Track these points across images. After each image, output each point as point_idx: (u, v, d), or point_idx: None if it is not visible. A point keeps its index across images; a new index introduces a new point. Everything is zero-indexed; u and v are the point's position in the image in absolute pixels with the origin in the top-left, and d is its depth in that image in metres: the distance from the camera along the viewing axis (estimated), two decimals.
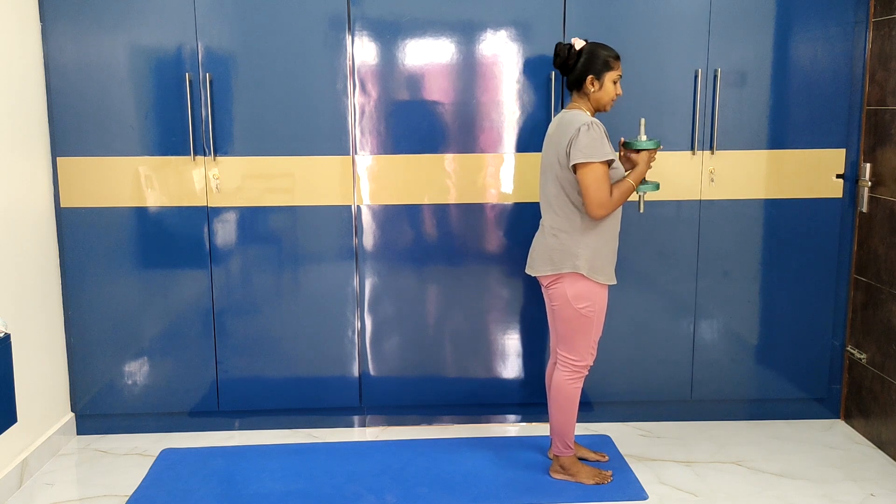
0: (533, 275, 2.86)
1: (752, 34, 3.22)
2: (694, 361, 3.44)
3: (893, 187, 3.14)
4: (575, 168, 2.66)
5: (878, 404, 3.26)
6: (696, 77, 3.23)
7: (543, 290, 2.88)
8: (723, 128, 3.27)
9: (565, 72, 2.79)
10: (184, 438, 3.38)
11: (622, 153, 2.85)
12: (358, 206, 3.28)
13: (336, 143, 3.23)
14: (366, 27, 3.17)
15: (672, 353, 3.43)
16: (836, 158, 3.32)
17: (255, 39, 3.16)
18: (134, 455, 3.24)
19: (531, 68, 3.21)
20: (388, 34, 3.18)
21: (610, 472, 2.99)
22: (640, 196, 2.92)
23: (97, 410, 3.38)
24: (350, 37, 3.17)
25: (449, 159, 3.26)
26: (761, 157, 3.31)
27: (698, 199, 3.32)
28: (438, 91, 3.23)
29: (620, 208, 2.79)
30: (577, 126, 2.64)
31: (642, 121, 2.85)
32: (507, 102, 3.23)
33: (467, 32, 3.19)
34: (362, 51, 3.18)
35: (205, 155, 3.21)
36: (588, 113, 2.74)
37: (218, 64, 3.16)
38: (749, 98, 3.26)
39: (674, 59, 3.22)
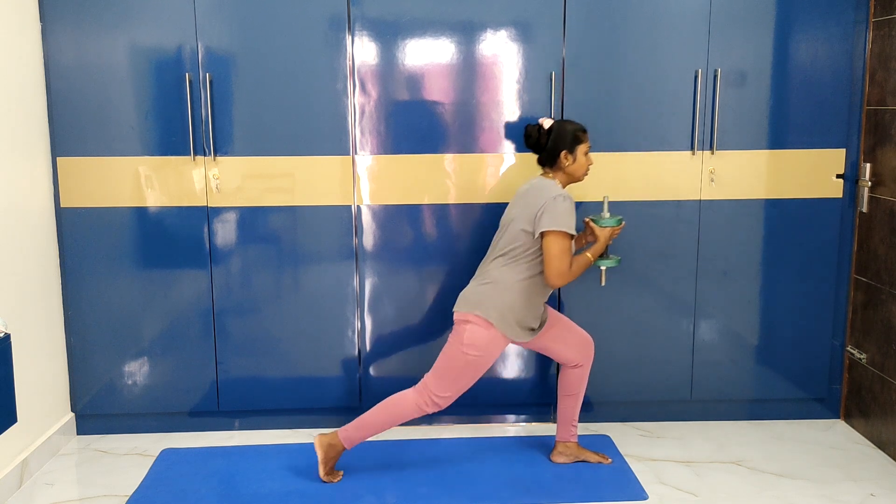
0: (454, 311, 2.89)
1: (752, 34, 3.22)
2: (694, 361, 3.44)
3: (893, 187, 3.14)
4: (542, 235, 2.74)
5: (878, 404, 3.26)
6: (696, 77, 3.23)
7: (454, 327, 2.88)
8: (723, 128, 3.27)
9: (538, 150, 2.88)
10: (184, 438, 3.38)
11: (586, 227, 2.96)
12: (358, 206, 3.28)
13: (336, 143, 3.23)
14: (366, 27, 3.17)
15: (672, 354, 3.43)
16: (836, 158, 3.32)
17: (255, 39, 3.16)
18: (134, 455, 3.24)
19: (531, 68, 3.21)
20: (388, 34, 3.18)
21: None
22: (601, 270, 3.05)
23: (97, 410, 3.38)
24: (350, 37, 3.17)
25: (449, 159, 3.26)
26: (761, 157, 3.31)
27: (698, 199, 3.32)
28: (438, 91, 3.23)
29: (547, 288, 2.88)
30: (553, 195, 2.74)
31: (605, 199, 2.96)
32: (507, 102, 3.23)
33: (467, 32, 3.19)
34: (362, 51, 3.18)
35: (205, 155, 3.21)
36: (560, 185, 2.84)
37: (218, 64, 3.16)
38: (749, 98, 3.26)
39: (674, 59, 3.22)
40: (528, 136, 2.88)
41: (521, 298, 2.80)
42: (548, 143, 2.84)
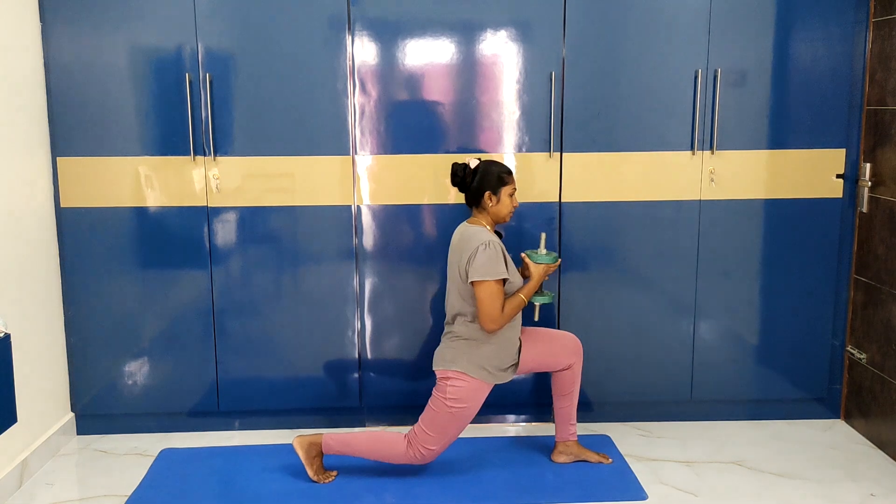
0: (434, 369, 2.92)
1: (752, 34, 3.22)
2: (694, 361, 3.44)
3: (893, 187, 3.14)
4: (472, 284, 2.78)
5: (878, 404, 3.26)
6: (696, 77, 3.23)
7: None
8: (723, 128, 3.27)
9: (463, 189, 2.91)
10: (184, 438, 3.38)
11: (523, 262, 2.96)
12: (358, 206, 3.28)
13: (336, 143, 3.23)
14: (366, 27, 3.17)
15: (672, 354, 3.43)
16: (836, 158, 3.32)
17: (255, 40, 3.16)
18: (134, 455, 3.24)
19: (531, 68, 3.21)
20: (388, 34, 3.18)
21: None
22: (535, 306, 3.03)
23: (97, 410, 3.38)
24: (350, 37, 3.17)
25: (449, 159, 3.26)
26: (761, 157, 3.31)
27: (698, 199, 3.32)
28: (438, 91, 3.23)
29: (518, 318, 2.91)
30: (476, 245, 2.77)
31: (542, 235, 2.98)
32: (507, 102, 3.23)
33: (467, 32, 3.19)
34: (362, 51, 3.18)
35: (205, 155, 3.21)
36: (488, 227, 2.87)
37: (218, 64, 3.16)
38: (749, 98, 3.26)
39: (674, 59, 3.22)
40: (455, 175, 2.90)
41: (494, 347, 2.85)
42: (473, 183, 2.86)
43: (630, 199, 3.30)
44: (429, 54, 3.20)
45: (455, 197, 3.28)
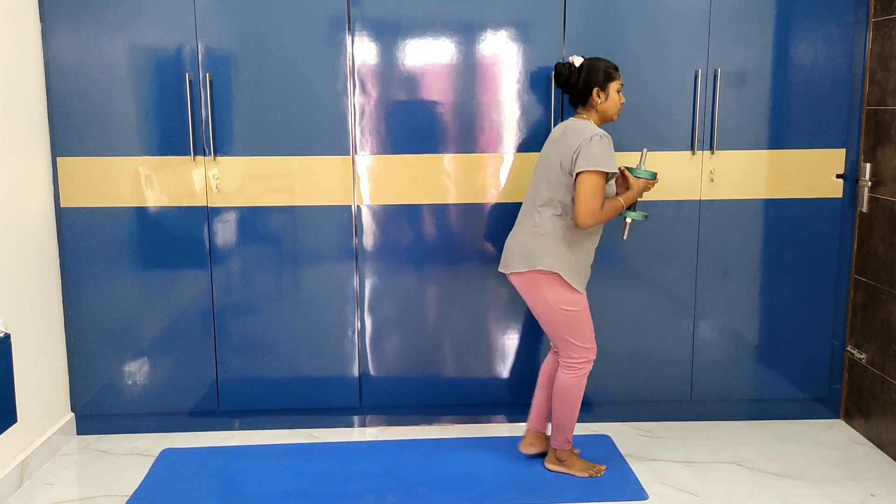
0: (507, 272, 2.86)
1: (752, 34, 3.22)
2: (694, 361, 3.44)
3: (893, 187, 3.14)
4: (577, 175, 2.69)
5: (878, 404, 3.26)
6: (696, 77, 3.23)
7: (520, 290, 2.87)
8: (723, 128, 3.27)
9: (568, 89, 2.85)
10: (184, 438, 3.38)
11: (621, 176, 2.88)
12: (358, 206, 3.28)
13: (336, 143, 3.23)
14: (366, 27, 3.17)
15: (672, 353, 3.43)
16: (836, 158, 3.32)
17: (255, 39, 3.16)
18: (134, 455, 3.24)
19: (531, 68, 3.21)
20: (388, 34, 3.18)
21: (604, 467, 3.03)
22: (626, 222, 2.97)
23: (97, 410, 3.38)
24: (350, 37, 3.17)
25: (449, 159, 3.26)
26: (761, 157, 3.31)
27: (698, 199, 3.32)
28: (438, 91, 3.23)
29: (602, 230, 2.86)
30: (590, 135, 2.69)
31: (644, 151, 2.94)
32: (507, 102, 3.23)
33: (467, 32, 3.19)
34: (362, 51, 3.18)
35: (205, 155, 3.21)
36: (595, 125, 2.79)
37: (218, 64, 3.16)
38: (749, 98, 3.26)
39: (674, 59, 3.22)
40: (559, 75, 2.84)
41: (573, 249, 2.77)
42: (579, 81, 2.80)
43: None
44: (429, 54, 3.20)
45: (455, 197, 3.28)
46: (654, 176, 2.88)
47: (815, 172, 3.32)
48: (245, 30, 3.15)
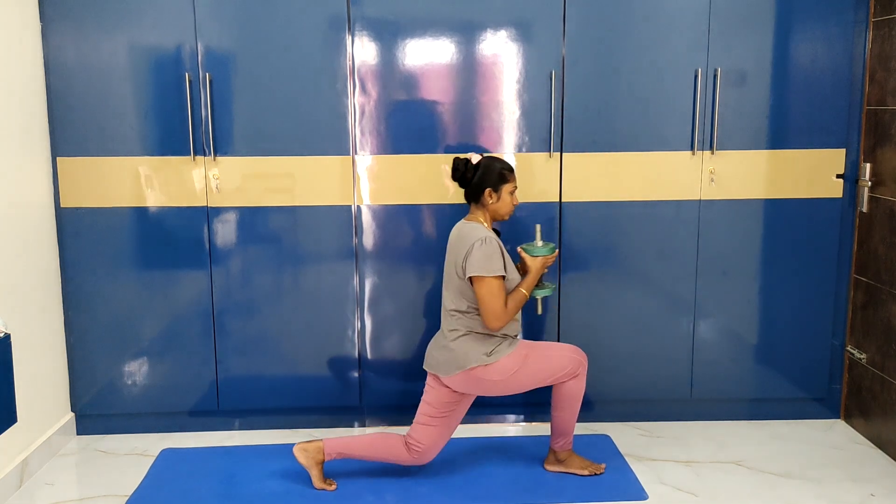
0: (441, 376, 2.85)
1: (752, 34, 3.22)
2: (694, 361, 3.44)
3: (893, 187, 3.14)
4: (471, 280, 2.75)
5: (878, 404, 3.26)
6: (696, 77, 3.23)
7: (461, 389, 2.84)
8: (723, 128, 3.27)
9: (463, 184, 2.88)
10: (184, 438, 3.38)
11: (520, 257, 2.91)
12: (358, 206, 3.28)
13: (336, 143, 3.23)
14: (366, 27, 3.17)
15: (672, 353, 3.43)
16: (836, 158, 3.32)
17: (255, 40, 3.16)
18: (134, 455, 3.24)
19: (531, 68, 3.21)
20: (388, 34, 3.18)
21: (603, 465, 3.03)
22: (537, 300, 3.00)
23: (97, 410, 3.38)
24: (350, 37, 3.17)
25: (449, 159, 3.26)
26: (761, 157, 3.31)
27: (698, 199, 3.32)
28: (438, 91, 3.23)
29: (518, 315, 2.89)
30: (472, 241, 2.74)
31: (538, 227, 2.95)
32: (507, 102, 3.23)
33: (467, 32, 3.19)
34: (362, 51, 3.18)
35: (205, 155, 3.21)
36: (485, 224, 2.85)
37: (218, 64, 3.16)
38: (749, 98, 3.26)
39: (674, 59, 3.22)
40: (456, 170, 2.88)
41: (493, 339, 2.83)
42: (473, 179, 2.84)
43: (630, 199, 3.30)
44: (429, 54, 3.20)
45: (455, 196, 3.28)
46: (552, 250, 2.90)
47: (815, 172, 3.32)
48: (245, 30, 3.15)
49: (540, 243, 2.92)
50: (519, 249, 2.92)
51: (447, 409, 2.89)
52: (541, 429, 3.43)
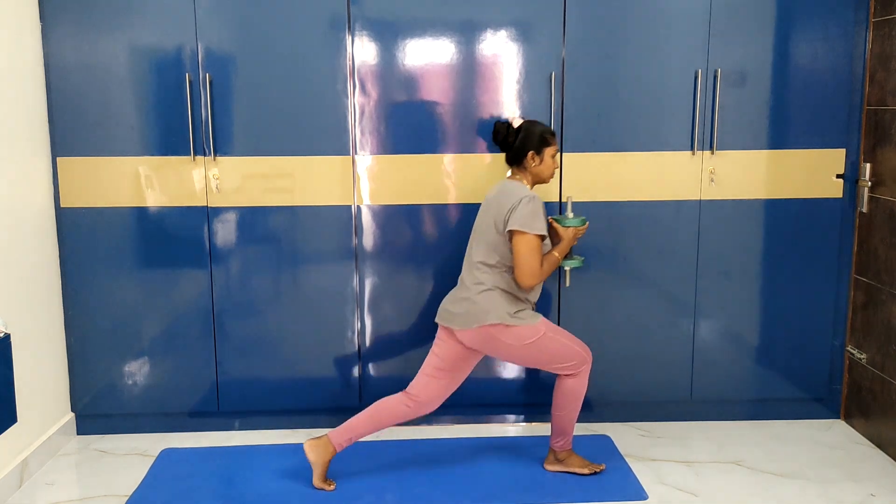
0: (454, 329, 2.85)
1: (752, 34, 3.22)
2: (694, 361, 3.44)
3: (893, 187, 3.14)
4: (511, 235, 2.76)
5: (878, 404, 3.26)
6: (696, 77, 3.23)
7: (473, 346, 2.84)
8: (723, 128, 3.27)
9: (505, 148, 2.89)
10: (184, 438, 3.38)
11: (551, 229, 2.94)
12: (358, 206, 3.28)
13: (336, 143, 3.23)
14: (366, 27, 3.17)
15: (672, 353, 3.43)
16: (836, 158, 3.32)
17: (255, 40, 3.16)
18: (134, 455, 3.24)
19: (531, 68, 3.21)
20: (388, 34, 3.18)
21: (603, 465, 3.03)
22: (565, 270, 3.06)
23: (97, 410, 3.38)
24: (350, 37, 3.17)
25: (449, 159, 3.26)
26: (761, 157, 3.31)
27: (698, 199, 3.32)
28: (438, 91, 3.23)
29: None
30: (520, 196, 2.76)
31: (569, 199, 3.00)
32: (507, 102, 3.23)
33: (467, 32, 3.19)
34: (362, 51, 3.18)
35: (205, 155, 3.21)
36: (527, 186, 2.85)
37: (218, 64, 3.16)
38: (749, 98, 3.26)
39: (674, 59, 3.22)
40: (497, 133, 2.89)
41: (514, 300, 2.83)
42: (515, 143, 2.85)
43: (630, 199, 3.30)
44: (429, 54, 3.20)
45: (455, 197, 3.28)
46: (582, 222, 2.95)
47: (815, 172, 3.32)
48: (245, 30, 3.15)
49: (571, 215, 2.97)
50: (550, 219, 2.94)
51: (455, 365, 2.89)
52: (541, 429, 3.43)
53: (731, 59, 3.23)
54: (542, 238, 2.77)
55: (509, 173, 2.95)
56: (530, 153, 2.83)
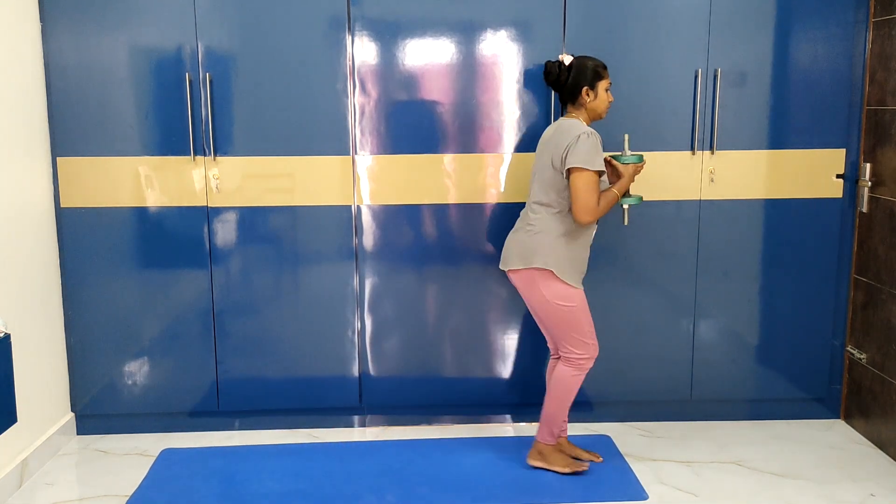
0: (505, 269, 2.91)
1: (752, 34, 3.22)
2: (694, 361, 3.44)
3: (893, 187, 3.14)
4: (569, 173, 2.73)
5: (878, 404, 3.26)
6: (696, 77, 3.23)
7: (518, 287, 2.91)
8: (723, 128, 3.27)
9: (558, 88, 2.89)
10: (184, 438, 3.38)
11: (609, 166, 2.91)
12: (358, 206, 3.28)
13: (336, 143, 3.23)
14: (366, 27, 3.17)
15: (672, 353, 3.43)
16: (836, 158, 3.32)
17: (255, 39, 3.16)
18: (134, 455, 3.24)
19: (531, 68, 3.21)
20: (388, 34, 3.18)
21: (587, 464, 3.02)
22: (624, 209, 3.02)
23: (97, 410, 3.38)
24: (350, 37, 3.17)
25: (449, 159, 3.26)
26: (761, 157, 3.31)
27: (698, 199, 3.32)
28: (438, 91, 3.23)
29: (596, 225, 2.89)
30: (577, 133, 2.73)
31: (626, 136, 2.95)
32: (507, 102, 3.23)
33: (467, 32, 3.19)
34: (362, 51, 3.18)
35: (205, 155, 3.21)
36: (584, 123, 2.83)
37: (218, 64, 3.16)
38: (749, 98, 3.26)
39: (674, 59, 3.22)
40: (549, 73, 2.88)
41: (568, 246, 2.80)
42: (568, 80, 2.83)
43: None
44: (429, 54, 3.20)
45: (455, 197, 3.28)
46: (640, 159, 2.90)
47: (815, 172, 3.32)
48: (245, 30, 3.15)
49: (629, 152, 2.92)
50: (608, 157, 2.90)
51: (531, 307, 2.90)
52: None
53: (731, 58, 3.23)
54: (600, 174, 2.75)
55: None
56: (584, 88, 2.81)
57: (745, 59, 3.24)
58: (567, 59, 2.86)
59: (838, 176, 3.33)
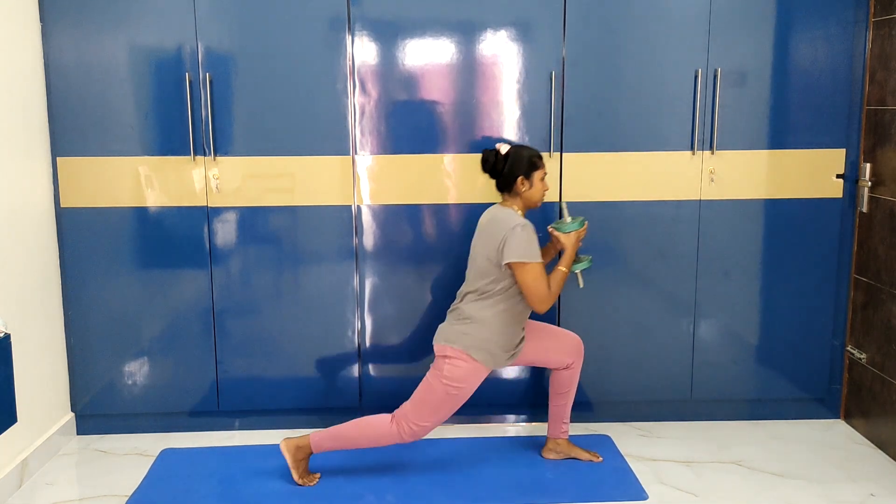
0: (434, 345, 2.89)
1: (752, 34, 3.22)
2: (694, 361, 3.44)
3: (893, 187, 3.14)
4: (509, 266, 2.76)
5: (878, 404, 3.26)
6: (696, 77, 3.23)
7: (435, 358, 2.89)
8: (723, 128, 3.27)
9: (494, 175, 2.88)
10: (184, 438, 3.38)
11: (551, 237, 2.93)
12: (358, 206, 3.28)
13: (336, 143, 3.23)
14: (366, 27, 3.17)
15: (672, 353, 3.43)
16: (836, 158, 3.32)
17: (255, 40, 3.16)
18: (134, 455, 3.24)
19: (531, 68, 3.21)
20: (388, 34, 3.18)
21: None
22: (577, 275, 3.00)
23: (97, 410, 3.38)
24: (350, 37, 3.17)
25: (449, 159, 3.26)
26: (761, 157, 3.31)
27: (698, 199, 3.32)
28: (438, 91, 3.23)
29: (525, 311, 2.89)
30: (512, 226, 2.75)
31: (564, 204, 2.97)
32: (507, 102, 3.23)
33: (467, 32, 3.19)
34: (362, 51, 3.18)
35: (205, 155, 3.21)
36: (519, 212, 2.85)
37: (218, 64, 3.16)
38: (749, 98, 3.26)
39: (674, 59, 3.22)
40: (485, 161, 2.88)
41: (498, 331, 2.82)
42: (504, 169, 2.84)
43: (630, 199, 3.30)
44: (429, 54, 3.20)
45: (455, 197, 3.28)
46: (582, 224, 2.91)
47: (815, 172, 3.32)
48: (245, 30, 3.15)
49: (569, 219, 2.92)
50: (550, 229, 2.92)
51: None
52: (540, 429, 3.43)
53: (731, 58, 3.23)
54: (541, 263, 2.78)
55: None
56: (520, 178, 2.81)
57: (745, 59, 3.24)
58: (504, 149, 2.86)
59: (838, 176, 3.33)
